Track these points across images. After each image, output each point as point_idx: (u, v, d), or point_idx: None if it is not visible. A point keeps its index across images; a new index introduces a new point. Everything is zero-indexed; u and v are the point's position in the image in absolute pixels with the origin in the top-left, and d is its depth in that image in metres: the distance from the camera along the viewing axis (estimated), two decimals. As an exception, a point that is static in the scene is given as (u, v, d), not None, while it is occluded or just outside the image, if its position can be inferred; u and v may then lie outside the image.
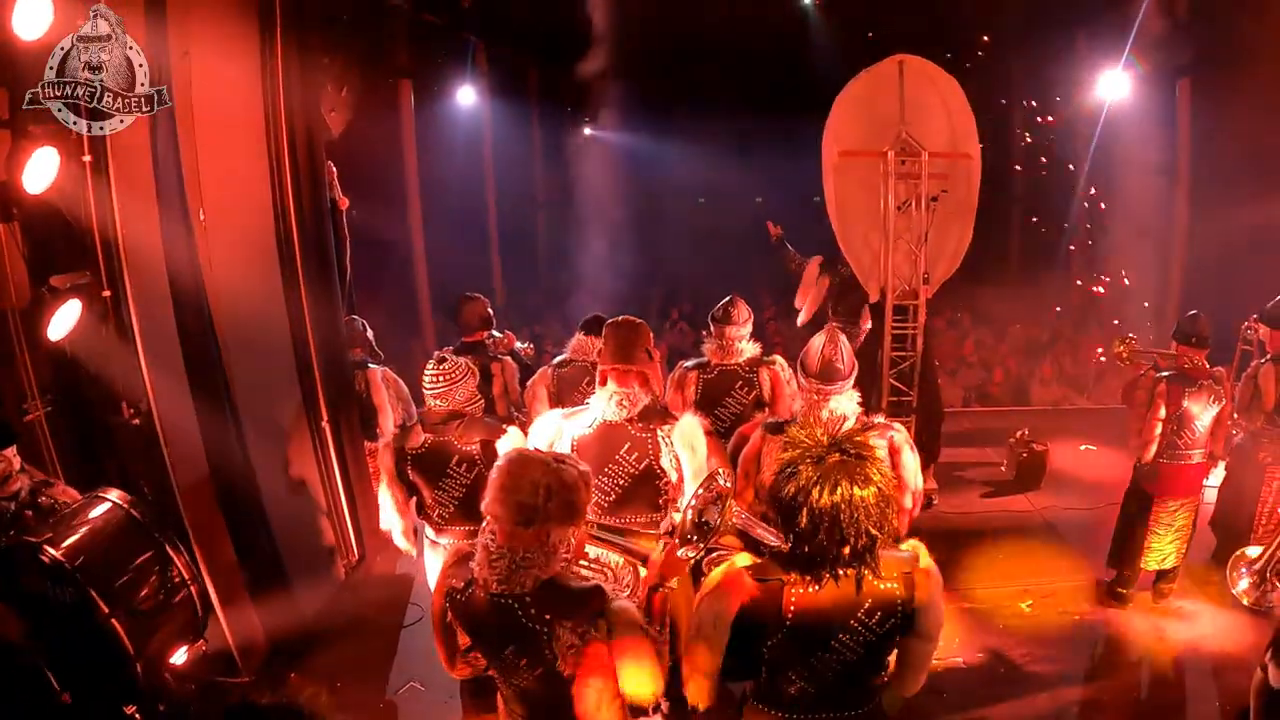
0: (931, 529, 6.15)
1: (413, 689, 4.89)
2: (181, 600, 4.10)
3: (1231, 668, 4.84)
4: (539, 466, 2.53)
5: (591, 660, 2.51)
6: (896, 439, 3.91)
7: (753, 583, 2.52)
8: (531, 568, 2.54)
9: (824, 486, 2.41)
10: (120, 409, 4.46)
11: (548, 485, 2.51)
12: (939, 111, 6.51)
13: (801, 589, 2.49)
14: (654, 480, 3.92)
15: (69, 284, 4.11)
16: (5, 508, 3.78)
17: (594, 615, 2.53)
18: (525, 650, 2.59)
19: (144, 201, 4.21)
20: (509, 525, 2.53)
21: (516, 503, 2.50)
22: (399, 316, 11.67)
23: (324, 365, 5.72)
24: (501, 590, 2.55)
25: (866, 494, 2.42)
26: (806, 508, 2.43)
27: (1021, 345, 11.35)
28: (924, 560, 2.60)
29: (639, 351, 3.83)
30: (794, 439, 2.56)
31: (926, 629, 2.59)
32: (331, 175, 6.27)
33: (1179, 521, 5.25)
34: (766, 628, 2.51)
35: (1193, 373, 5.14)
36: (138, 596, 3.86)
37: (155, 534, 4.03)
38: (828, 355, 3.79)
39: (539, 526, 2.52)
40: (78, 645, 3.78)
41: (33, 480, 3.97)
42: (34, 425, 4.31)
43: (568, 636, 2.51)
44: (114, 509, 3.97)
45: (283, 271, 5.44)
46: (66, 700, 3.65)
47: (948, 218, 6.65)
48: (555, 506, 2.52)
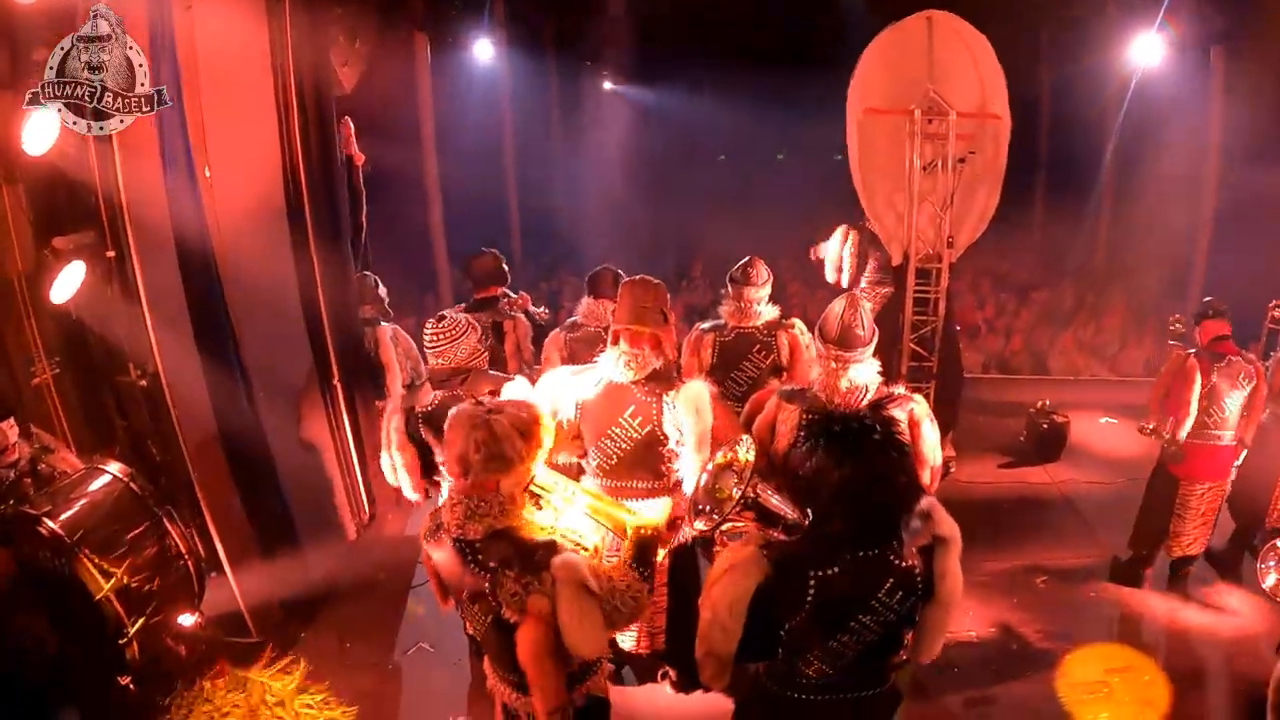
0: (947, 497, 6.05)
1: (421, 650, 4.90)
2: (178, 573, 4.13)
3: (1246, 653, 4.78)
4: (469, 420, 2.63)
5: (533, 611, 2.54)
6: (917, 411, 3.82)
7: (769, 564, 2.46)
8: (486, 515, 2.64)
9: (848, 459, 2.35)
10: (127, 370, 4.43)
11: (476, 440, 2.60)
12: (969, 70, 6.32)
13: (822, 570, 2.42)
14: (656, 446, 3.84)
15: (72, 245, 4.07)
16: (4, 476, 3.79)
17: (538, 568, 2.56)
18: (476, 595, 2.68)
19: (148, 160, 4.13)
20: (455, 478, 2.68)
21: (454, 456, 2.65)
22: (414, 272, 11.64)
23: (335, 323, 5.67)
24: (458, 534, 2.67)
25: (892, 467, 2.36)
26: (827, 486, 2.37)
27: (1043, 313, 11.17)
28: (941, 523, 2.53)
29: (653, 313, 3.74)
30: (814, 411, 2.48)
31: (944, 596, 2.54)
32: (348, 130, 6.16)
33: (1205, 505, 5.13)
34: (785, 611, 2.45)
35: (1220, 348, 5.00)
36: (134, 570, 3.86)
37: (153, 508, 4.06)
38: (847, 320, 3.69)
39: (475, 477, 2.63)
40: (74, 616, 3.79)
41: (33, 448, 3.96)
42: (41, 388, 4.31)
43: (510, 585, 2.55)
44: (114, 482, 3.99)
45: (292, 229, 5.36)
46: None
47: (974, 180, 6.50)
48: (483, 458, 2.61)
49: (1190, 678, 4.61)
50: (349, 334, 5.85)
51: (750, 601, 2.44)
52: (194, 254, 4.50)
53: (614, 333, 3.81)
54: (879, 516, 2.40)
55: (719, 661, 2.53)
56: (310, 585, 5.18)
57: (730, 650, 2.50)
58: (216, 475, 4.65)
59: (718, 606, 2.47)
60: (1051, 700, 4.45)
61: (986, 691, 4.48)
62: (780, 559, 2.47)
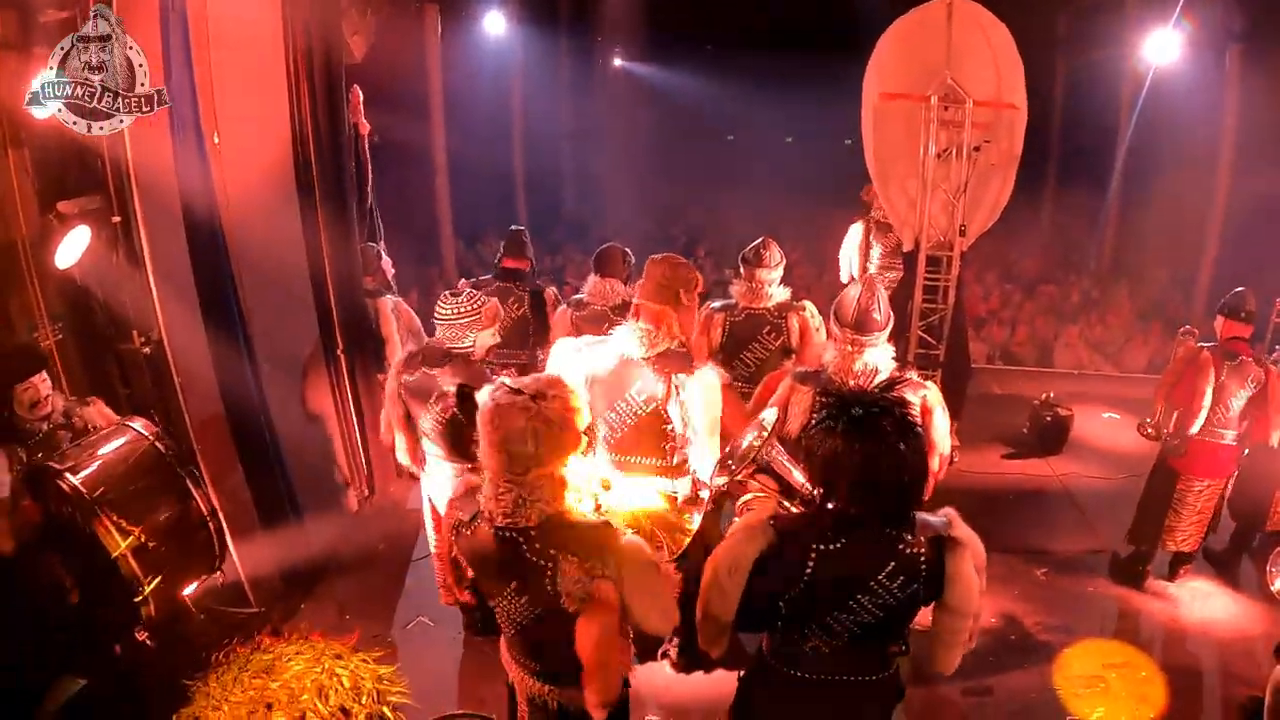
0: (950, 487, 6.05)
1: (421, 624, 4.91)
2: (200, 538, 4.13)
3: (1242, 653, 4.79)
4: (521, 413, 2.45)
5: (598, 598, 2.47)
6: (930, 398, 3.82)
7: (774, 533, 2.47)
8: (538, 501, 2.51)
9: (866, 443, 2.33)
10: (131, 337, 4.41)
11: (535, 430, 2.45)
12: (986, 59, 6.25)
13: (824, 545, 2.42)
14: (660, 424, 3.81)
15: (77, 209, 4.04)
16: (38, 428, 3.82)
17: (601, 551, 2.49)
18: (528, 586, 2.56)
19: (156, 125, 4.06)
20: (509, 475, 2.49)
21: (510, 454, 2.46)
22: (419, 244, 11.59)
23: (340, 294, 5.65)
24: (506, 523, 2.53)
25: (908, 453, 2.34)
26: (842, 467, 2.36)
27: (1049, 306, 11.15)
28: (959, 529, 2.50)
29: (671, 293, 3.69)
30: (829, 392, 2.46)
31: (954, 603, 2.49)
32: (356, 99, 6.10)
33: (1202, 503, 5.12)
34: (785, 581, 2.45)
35: (1235, 348, 4.96)
36: (153, 528, 3.86)
37: (178, 469, 4.05)
38: (864, 304, 3.69)
39: (537, 469, 2.49)
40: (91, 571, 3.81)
41: (67, 401, 3.96)
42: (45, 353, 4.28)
43: (573, 571, 2.46)
44: (138, 439, 3.99)
45: (300, 198, 5.32)
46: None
47: (989, 169, 6.45)
48: (548, 449, 2.48)
49: (1187, 677, 4.61)
50: (354, 305, 5.82)
51: (751, 568, 2.46)
52: (201, 221, 4.46)
53: (635, 306, 3.78)
54: (891, 499, 2.39)
55: (716, 625, 2.54)
56: (311, 557, 5.18)
57: (728, 614, 2.51)
58: (219, 444, 4.64)
59: (719, 568, 2.49)
60: (1048, 693, 4.46)
61: (984, 682, 4.48)
62: (786, 529, 2.49)
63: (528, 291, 6.01)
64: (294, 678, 4.01)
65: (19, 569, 3.60)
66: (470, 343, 4.17)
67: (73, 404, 4.02)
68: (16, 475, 3.65)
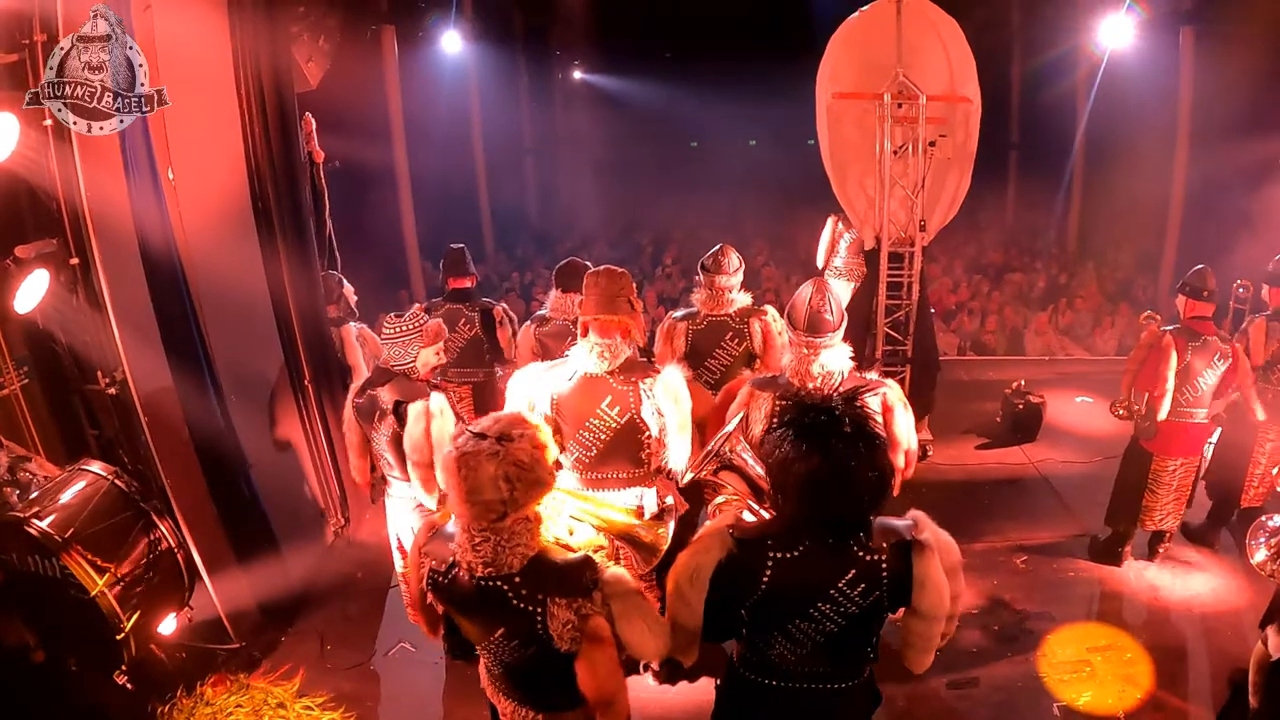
0: (925, 480, 6.13)
1: (403, 650, 4.87)
2: (168, 567, 4.19)
3: (1224, 628, 4.84)
4: (490, 460, 2.36)
5: (593, 635, 2.44)
6: (890, 396, 3.82)
7: (733, 541, 2.46)
8: (518, 545, 2.45)
9: (815, 452, 2.31)
10: (96, 378, 4.37)
11: (506, 474, 2.36)
12: (938, 53, 6.33)
13: (782, 553, 2.41)
14: (636, 434, 3.86)
15: (35, 253, 4.00)
16: None
17: (587, 589, 2.45)
18: (517, 632, 2.51)
19: (110, 164, 4.05)
20: (484, 523, 2.42)
21: (483, 503, 2.38)
22: (387, 267, 11.54)
23: (304, 324, 5.60)
24: (488, 573, 2.45)
25: (860, 462, 2.31)
26: (792, 475, 2.34)
27: (1017, 294, 11.26)
28: (925, 532, 2.46)
29: (621, 302, 3.73)
30: (787, 396, 2.46)
31: (923, 607, 2.46)
32: (309, 127, 6.08)
33: (1178, 481, 5.18)
34: (744, 589, 2.44)
35: (1198, 327, 5.02)
36: (126, 564, 3.91)
37: (140, 502, 4.11)
38: (815, 306, 3.68)
39: (514, 514, 2.42)
40: (68, 616, 3.78)
41: (10, 457, 3.93)
42: (10, 399, 4.26)
43: (563, 614, 2.42)
44: (97, 480, 4.04)
45: (259, 230, 5.27)
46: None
47: (946, 163, 6.53)
48: (522, 491, 2.40)
49: (1172, 655, 4.65)
50: (318, 334, 5.78)
51: (711, 576, 2.45)
52: (160, 258, 4.42)
53: (583, 324, 3.80)
54: (837, 507, 2.37)
55: (685, 634, 2.54)
56: (289, 588, 5.14)
57: (694, 623, 2.51)
58: (190, 481, 4.58)
59: (680, 577, 2.49)
60: (1034, 680, 4.48)
61: (968, 673, 4.51)
62: (744, 537, 2.47)
63: (478, 311, 6.17)
64: (231, 732, 3.98)
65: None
66: (412, 359, 4.21)
67: (16, 460, 3.99)
68: None
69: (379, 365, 4.35)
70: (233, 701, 4.20)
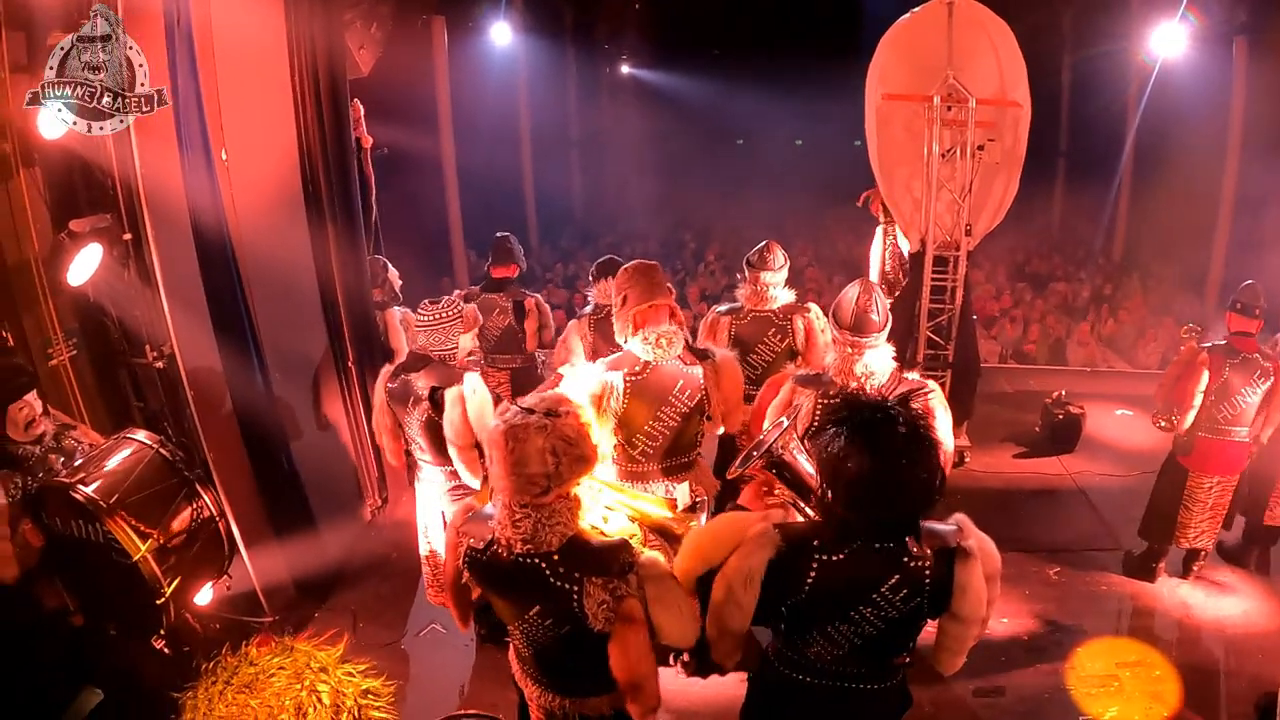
0: (961, 487, 6.08)
1: (434, 631, 4.94)
2: (209, 535, 4.24)
3: (1255, 650, 4.75)
4: (538, 433, 2.40)
5: (626, 616, 2.45)
6: (931, 400, 3.80)
7: (782, 540, 2.43)
8: (558, 524, 2.48)
9: (868, 451, 2.27)
10: (144, 352, 4.47)
11: (554, 448, 2.40)
12: (988, 57, 6.25)
13: (827, 555, 2.38)
14: (699, 416, 3.97)
15: (89, 228, 4.09)
16: (31, 452, 3.85)
17: (624, 570, 2.47)
18: (552, 611, 2.53)
19: (164, 143, 4.14)
20: (527, 498, 2.45)
21: (528, 476, 2.41)
22: (431, 254, 11.66)
23: (349, 306, 5.70)
24: (527, 550, 2.48)
25: (913, 463, 2.27)
26: (843, 474, 2.30)
27: (1060, 304, 11.09)
28: (970, 539, 2.44)
29: (663, 288, 3.83)
30: (838, 396, 2.44)
31: (963, 611, 2.43)
32: (357, 113, 6.17)
33: (1214, 499, 5.08)
34: (787, 588, 2.42)
35: (1240, 344, 4.92)
36: (168, 532, 3.96)
37: (184, 471, 4.15)
38: (862, 306, 3.68)
39: (557, 489, 2.45)
40: (109, 580, 3.87)
41: (56, 424, 4.02)
42: (58, 369, 4.35)
43: (599, 593, 2.44)
44: (142, 448, 4.07)
45: (308, 212, 5.38)
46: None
47: (994, 168, 6.44)
48: (567, 466, 2.43)
49: (1201, 675, 4.57)
50: (363, 317, 5.88)
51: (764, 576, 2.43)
52: (210, 237, 4.52)
53: (634, 318, 3.82)
54: (891, 511, 2.34)
55: (732, 639, 2.52)
56: (324, 565, 5.23)
57: (744, 626, 2.48)
58: (232, 457, 4.68)
59: (733, 580, 2.44)
60: (1060, 692, 4.43)
61: (995, 681, 4.47)
62: (791, 537, 2.44)
63: (511, 301, 6.27)
64: (274, 695, 4.06)
65: (20, 595, 3.66)
66: (453, 345, 4.26)
67: (62, 427, 4.07)
68: (15, 500, 3.70)
69: (414, 351, 4.40)
70: (276, 663, 4.26)
